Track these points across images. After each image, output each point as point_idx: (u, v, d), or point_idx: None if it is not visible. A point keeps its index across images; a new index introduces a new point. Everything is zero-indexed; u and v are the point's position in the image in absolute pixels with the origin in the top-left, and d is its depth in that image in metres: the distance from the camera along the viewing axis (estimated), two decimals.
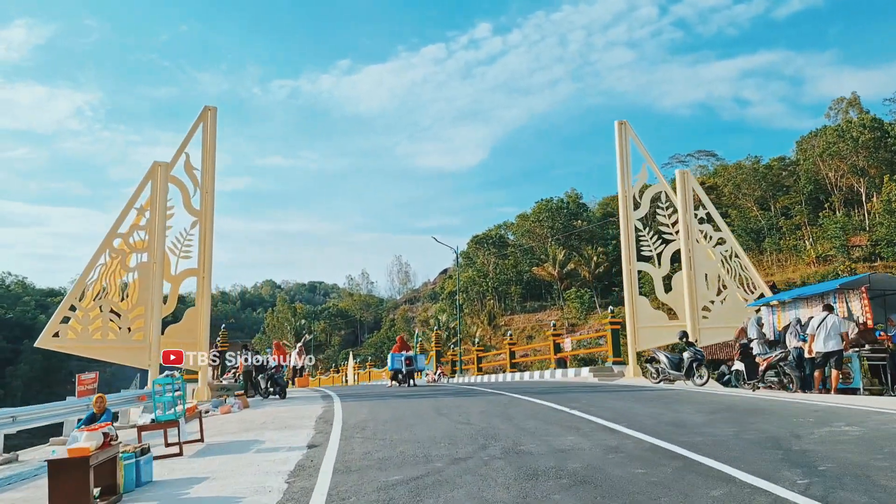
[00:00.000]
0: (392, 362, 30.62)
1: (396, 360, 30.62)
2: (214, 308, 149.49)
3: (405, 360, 30.63)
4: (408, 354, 31.20)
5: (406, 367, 30.72)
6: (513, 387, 24.57)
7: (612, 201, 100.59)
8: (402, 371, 30.52)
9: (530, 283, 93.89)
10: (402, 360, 30.50)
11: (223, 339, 43.58)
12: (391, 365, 30.76)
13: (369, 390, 30.26)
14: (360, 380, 59.06)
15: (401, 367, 30.52)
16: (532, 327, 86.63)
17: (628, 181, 28.72)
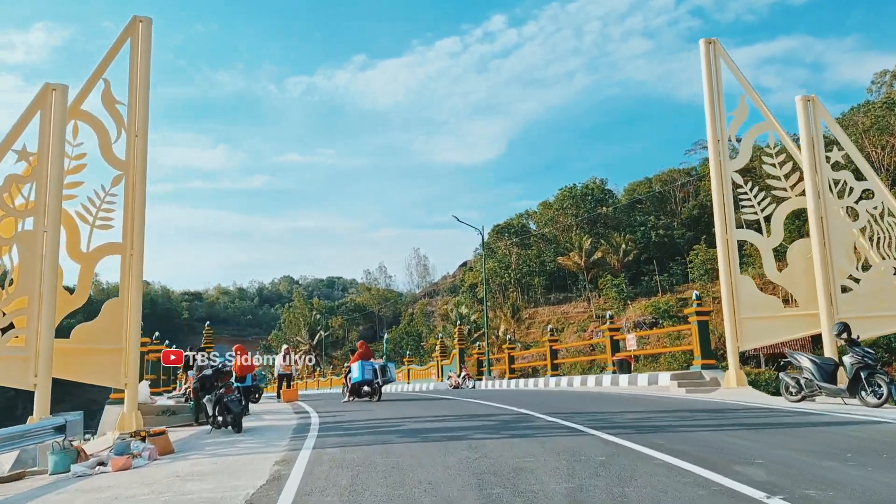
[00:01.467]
0: (361, 372, 22.22)
1: (367, 369, 22.35)
2: (231, 304, 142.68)
3: (378, 369, 22.56)
4: (375, 363, 23.19)
5: (380, 378, 22.63)
6: (572, 405, 16.21)
7: (639, 187, 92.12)
8: (375, 383, 22.25)
9: (554, 273, 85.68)
10: (374, 370, 22.44)
11: (207, 339, 35.49)
12: (360, 375, 22.32)
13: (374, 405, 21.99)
14: None
15: (374, 377, 22.28)
16: (557, 320, 78.51)
17: (721, 120, 20.17)
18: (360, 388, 22.13)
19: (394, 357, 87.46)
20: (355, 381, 22.04)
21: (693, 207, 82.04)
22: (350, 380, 22.40)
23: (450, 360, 39.31)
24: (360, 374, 21.92)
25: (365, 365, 21.99)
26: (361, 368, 21.93)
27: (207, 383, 15.18)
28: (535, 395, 21.63)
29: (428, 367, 43.01)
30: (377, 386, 21.99)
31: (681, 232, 79.29)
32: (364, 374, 21.91)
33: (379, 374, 22.28)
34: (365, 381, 21.95)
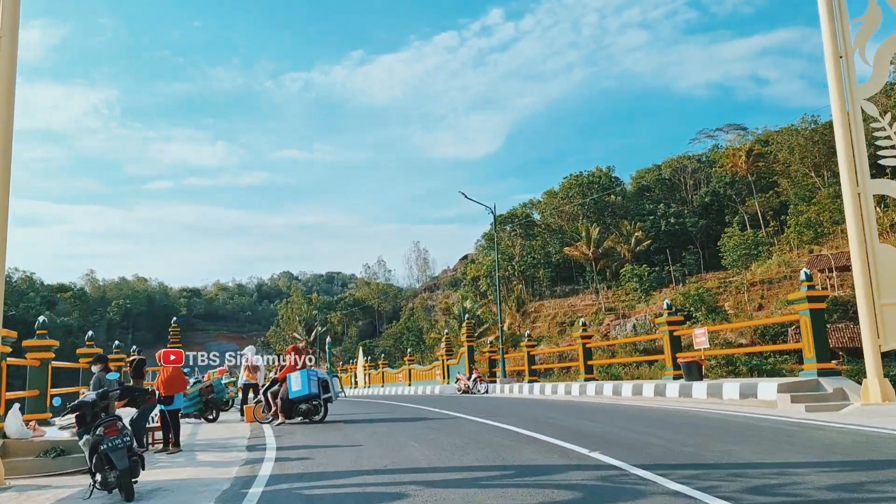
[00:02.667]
0: (307, 384, 15.74)
1: (313, 380, 15.98)
2: (230, 301, 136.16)
3: (319, 382, 16.10)
4: (320, 374, 16.51)
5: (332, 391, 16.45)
6: (671, 440, 10.09)
7: (647, 174, 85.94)
8: (316, 399, 15.93)
9: (560, 265, 79.69)
10: (316, 383, 15.98)
11: (174, 337, 29.33)
12: (304, 388, 15.72)
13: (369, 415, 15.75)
14: (373, 381, 44.80)
15: (318, 391, 15.89)
16: (564, 313, 72.63)
17: (843, 29, 14.00)
18: (296, 406, 15.71)
19: (395, 353, 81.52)
20: (295, 396, 15.60)
21: (705, 194, 76.20)
22: (282, 394, 15.67)
23: (457, 359, 33.17)
24: (305, 387, 15.54)
25: (310, 375, 15.81)
26: (306, 379, 15.63)
27: (89, 415, 8.95)
28: (581, 412, 15.47)
29: (431, 367, 36.90)
30: (320, 404, 15.86)
31: (693, 220, 73.41)
32: (309, 387, 15.59)
33: (331, 386, 16.26)
34: (306, 397, 15.71)
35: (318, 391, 15.63)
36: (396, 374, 40.78)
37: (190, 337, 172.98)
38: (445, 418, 15.10)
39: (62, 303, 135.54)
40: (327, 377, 16.28)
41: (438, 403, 20.59)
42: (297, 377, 15.50)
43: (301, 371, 15.68)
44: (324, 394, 15.78)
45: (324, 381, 15.98)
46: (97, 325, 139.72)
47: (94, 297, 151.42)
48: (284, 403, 15.46)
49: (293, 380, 15.49)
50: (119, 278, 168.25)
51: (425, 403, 21.21)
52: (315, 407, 15.65)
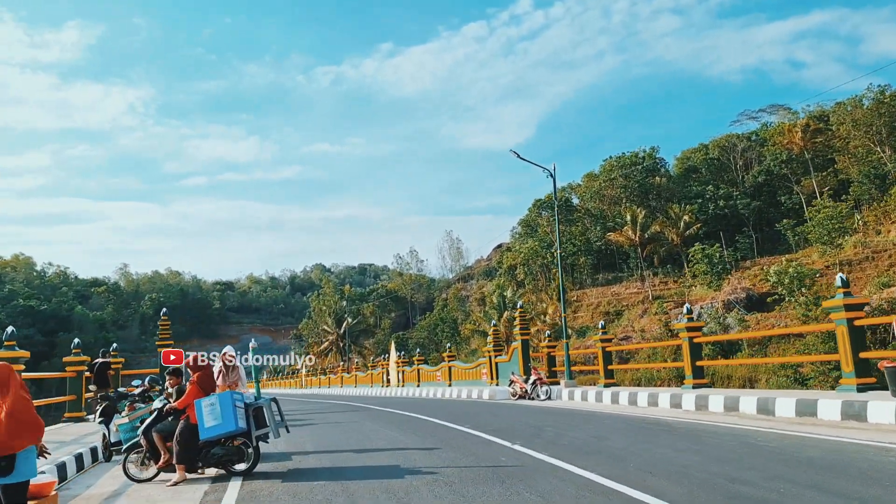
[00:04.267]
0: (226, 414, 8.84)
1: (236, 409, 8.97)
2: (263, 293, 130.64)
3: (249, 411, 9.18)
4: (248, 399, 9.51)
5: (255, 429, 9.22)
6: None
7: (693, 154, 78.65)
8: (245, 437, 9.11)
9: (601, 251, 72.95)
10: (243, 412, 9.12)
11: (163, 332, 23.29)
12: (221, 421, 8.80)
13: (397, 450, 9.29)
14: (407, 380, 38.55)
15: (247, 424, 9.07)
16: (608, 302, 66.17)
17: None
18: (208, 452, 8.95)
19: (429, 345, 75.24)
20: (209, 436, 8.87)
21: (758, 174, 68.90)
22: (182, 434, 8.81)
23: (508, 355, 26.72)
24: (230, 420, 8.84)
25: (234, 401, 9.07)
26: (229, 407, 8.90)
27: None
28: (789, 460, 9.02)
29: (476, 365, 30.47)
30: (248, 444, 9.18)
31: (745, 202, 66.29)
32: (236, 421, 8.87)
33: (267, 416, 9.37)
34: (229, 436, 9.01)
35: (249, 425, 9.06)
36: (434, 372, 34.49)
37: (224, 330, 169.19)
38: (532, 468, 8.68)
39: (96, 297, 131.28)
40: (263, 402, 9.43)
41: (500, 422, 14.18)
42: (211, 405, 8.87)
43: (220, 395, 9.06)
44: (257, 428, 9.19)
45: (256, 408, 9.29)
46: (130, 318, 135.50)
47: (128, 291, 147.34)
48: (187, 447, 8.85)
49: (206, 410, 8.83)
50: (152, 272, 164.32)
51: (480, 420, 14.84)
52: (239, 450, 9.09)
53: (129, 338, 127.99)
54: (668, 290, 62.25)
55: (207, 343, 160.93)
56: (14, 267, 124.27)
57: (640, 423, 12.95)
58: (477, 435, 11.76)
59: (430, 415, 16.86)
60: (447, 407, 20.84)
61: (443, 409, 19.27)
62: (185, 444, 8.67)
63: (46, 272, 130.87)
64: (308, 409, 23.77)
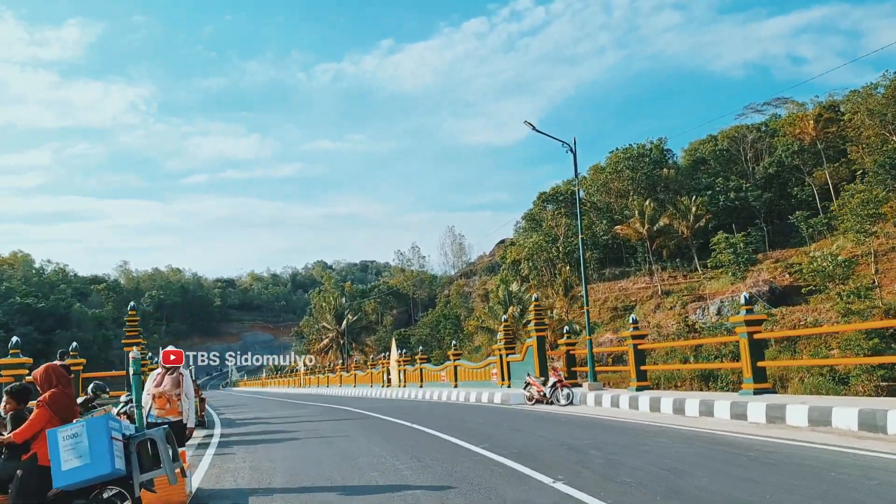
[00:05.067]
0: (99, 456, 5.30)
1: (112, 444, 5.40)
2: (265, 291, 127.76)
3: (132, 446, 5.62)
4: (127, 428, 5.84)
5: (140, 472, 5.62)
6: None
7: (702, 146, 75.48)
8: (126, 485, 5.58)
9: (608, 246, 69.84)
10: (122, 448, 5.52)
11: (131, 329, 20.16)
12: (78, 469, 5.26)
13: None
14: (409, 379, 35.42)
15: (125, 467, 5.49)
16: (615, 297, 63.27)
17: None
18: None
19: (431, 342, 72.04)
20: (66, 483, 5.27)
21: (769, 165, 65.87)
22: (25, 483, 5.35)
23: (521, 354, 23.56)
24: (104, 461, 5.29)
25: (110, 429, 5.41)
26: (103, 442, 5.31)
27: None
28: None
29: (485, 364, 27.26)
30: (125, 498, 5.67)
31: (756, 194, 63.28)
32: (112, 462, 5.29)
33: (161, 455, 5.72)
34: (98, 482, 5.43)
35: (130, 467, 5.60)
36: (438, 371, 31.35)
37: (225, 328, 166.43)
38: None
39: (95, 294, 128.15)
40: (157, 435, 5.83)
41: (525, 439, 11.12)
42: (73, 437, 5.37)
43: (88, 422, 5.47)
44: (142, 471, 5.68)
45: (144, 441, 5.75)
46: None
47: (128, 289, 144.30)
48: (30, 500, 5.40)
49: (64, 444, 5.33)
50: (153, 269, 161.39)
51: (499, 437, 11.79)
52: None
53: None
54: (678, 285, 59.27)
55: (208, 340, 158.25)
56: (12, 265, 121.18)
57: (708, 443, 9.87)
58: (501, 463, 8.68)
59: (437, 427, 13.77)
60: (455, 414, 17.73)
61: (451, 419, 16.19)
62: (26, 497, 5.42)
63: (45, 270, 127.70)
64: (297, 417, 20.68)
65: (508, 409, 18.46)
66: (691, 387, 30.54)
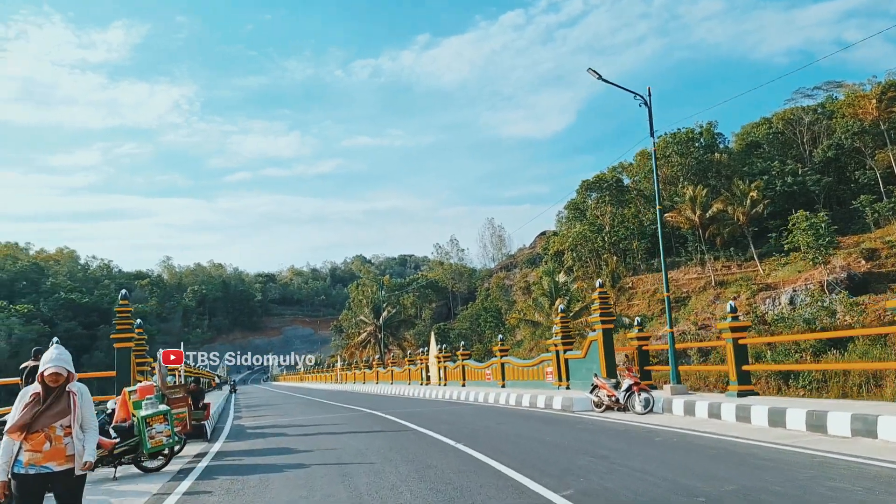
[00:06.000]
0: None
1: None
2: (305, 285, 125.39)
3: None
4: None
5: None
6: None
7: (756, 129, 70.56)
8: None
9: (656, 235, 65.05)
10: None
11: (122, 322, 16.68)
12: None
13: None
14: (450, 377, 31.70)
15: None
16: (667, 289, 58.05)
17: None
18: None
19: (471, 336, 68.16)
20: None
21: (827, 148, 60.81)
22: None
23: (583, 350, 19.59)
24: None
25: None
26: None
27: None
28: None
29: (539, 362, 23.28)
30: None
31: (814, 178, 58.38)
32: None
33: None
34: None
35: None
36: (483, 369, 27.51)
37: (266, 322, 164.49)
38: None
39: (139, 290, 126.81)
40: None
41: (624, 478, 7.42)
42: None
43: None
44: None
45: None
46: (173, 311, 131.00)
47: (171, 284, 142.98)
48: None
49: None
50: (195, 264, 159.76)
51: (587, 473, 8.15)
52: None
53: (171, 330, 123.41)
54: (732, 275, 54.76)
55: (249, 335, 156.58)
56: (58, 260, 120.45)
57: None
58: None
59: (491, 450, 10.09)
60: (510, 427, 13.93)
61: (506, 435, 12.41)
62: None
63: (90, 266, 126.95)
64: (319, 425, 17.09)
65: (575, 420, 14.60)
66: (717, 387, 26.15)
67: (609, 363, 17.99)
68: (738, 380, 14.10)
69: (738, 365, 14.16)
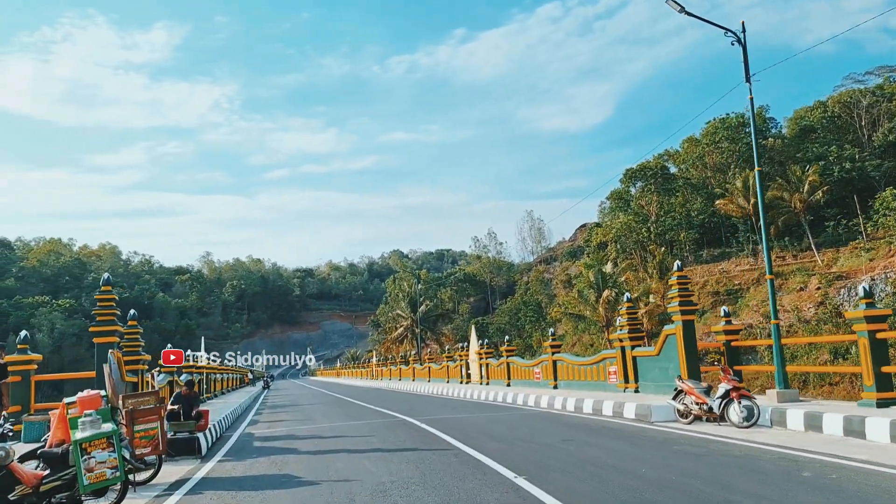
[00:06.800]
0: None
1: None
2: (342, 280, 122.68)
3: None
4: None
5: None
6: None
7: (810, 113, 65.86)
8: None
9: (705, 225, 61.15)
10: None
11: (103, 313, 13.57)
12: None
13: None
14: (492, 376, 28.40)
15: None
16: (716, 281, 54.87)
17: None
18: None
19: (511, 331, 64.68)
20: None
21: (889, 132, 56.17)
22: None
23: (657, 346, 16.08)
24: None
25: None
26: None
27: None
28: None
29: (601, 360, 19.69)
30: None
31: (875, 163, 53.88)
32: None
33: None
34: None
35: None
36: (530, 367, 24.15)
37: (304, 317, 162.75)
38: None
39: (179, 285, 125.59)
40: None
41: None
42: None
43: None
44: None
45: None
46: (213, 306, 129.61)
47: (211, 279, 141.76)
48: None
49: None
50: (234, 260, 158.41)
51: None
52: None
53: (211, 325, 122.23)
54: (787, 266, 50.58)
55: (288, 330, 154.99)
56: (100, 256, 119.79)
57: None
58: None
59: (571, 498, 6.72)
60: (583, 448, 10.60)
61: (583, 465, 9.08)
62: None
63: (132, 261, 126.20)
64: (341, 436, 13.95)
65: (662, 436, 11.21)
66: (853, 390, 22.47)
67: (691, 362, 14.55)
68: (875, 385, 10.58)
69: (876, 366, 10.63)
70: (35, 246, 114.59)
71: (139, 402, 9.31)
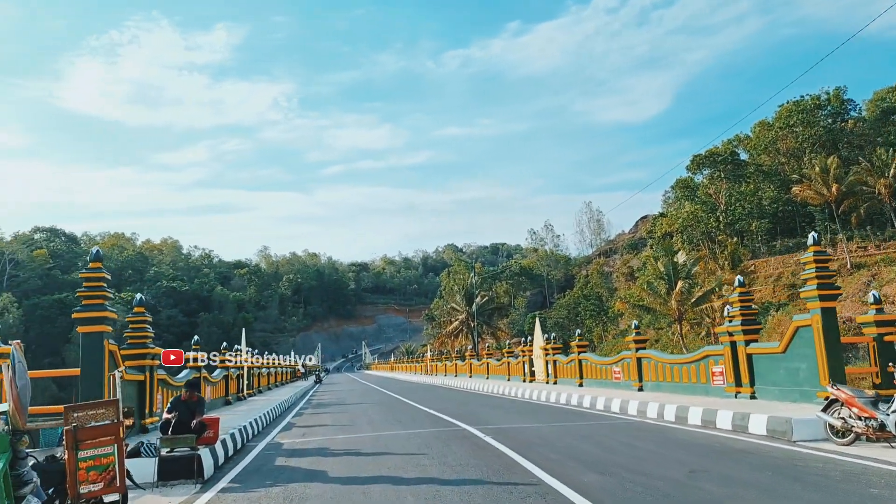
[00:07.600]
0: None
1: None
2: (397, 274, 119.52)
3: None
4: None
5: None
6: None
7: (891, 94, 60.49)
8: None
9: (777, 215, 56.26)
10: None
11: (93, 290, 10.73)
12: None
13: None
14: (561, 374, 24.99)
15: None
16: (791, 272, 50.11)
17: None
18: None
19: (569, 326, 60.99)
20: None
21: None
22: None
23: (783, 342, 12.52)
24: None
25: None
26: None
27: None
28: None
29: (702, 356, 15.98)
30: None
31: None
32: None
33: None
34: None
35: None
36: (608, 365, 20.75)
37: (360, 310, 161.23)
38: None
39: (238, 278, 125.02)
40: None
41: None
42: None
43: None
44: None
45: None
46: (270, 299, 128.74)
47: (268, 273, 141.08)
48: None
49: None
50: (290, 254, 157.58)
51: None
52: None
53: (268, 318, 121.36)
54: (871, 257, 45.91)
55: (343, 323, 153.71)
56: (161, 250, 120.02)
57: None
58: None
59: None
60: (718, 486, 7.24)
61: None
62: None
63: (192, 255, 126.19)
64: (383, 453, 10.94)
65: (827, 465, 7.88)
66: None
67: (833, 362, 11.12)
68: None
69: None
70: (100, 240, 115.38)
71: (89, 416, 6.34)
